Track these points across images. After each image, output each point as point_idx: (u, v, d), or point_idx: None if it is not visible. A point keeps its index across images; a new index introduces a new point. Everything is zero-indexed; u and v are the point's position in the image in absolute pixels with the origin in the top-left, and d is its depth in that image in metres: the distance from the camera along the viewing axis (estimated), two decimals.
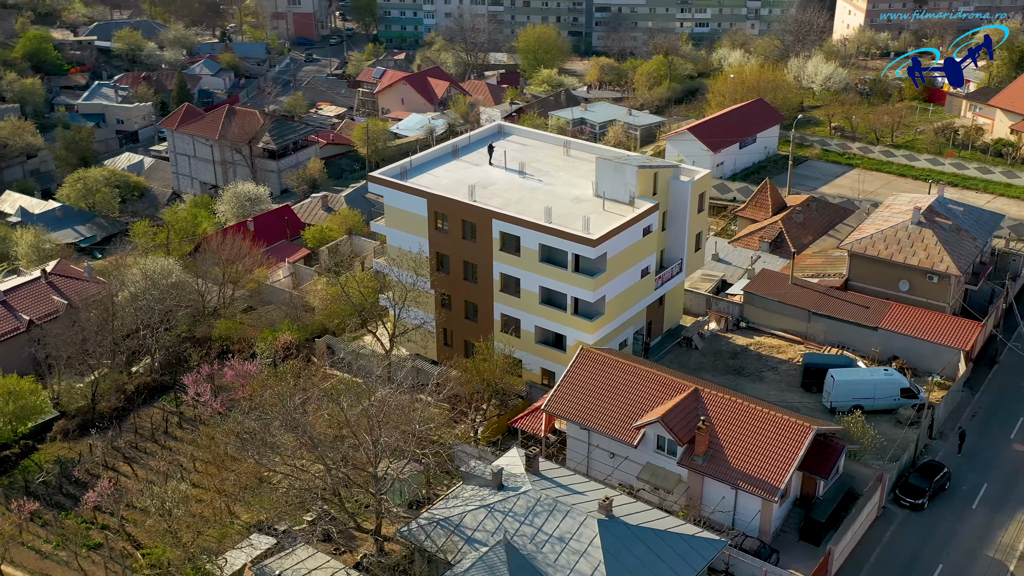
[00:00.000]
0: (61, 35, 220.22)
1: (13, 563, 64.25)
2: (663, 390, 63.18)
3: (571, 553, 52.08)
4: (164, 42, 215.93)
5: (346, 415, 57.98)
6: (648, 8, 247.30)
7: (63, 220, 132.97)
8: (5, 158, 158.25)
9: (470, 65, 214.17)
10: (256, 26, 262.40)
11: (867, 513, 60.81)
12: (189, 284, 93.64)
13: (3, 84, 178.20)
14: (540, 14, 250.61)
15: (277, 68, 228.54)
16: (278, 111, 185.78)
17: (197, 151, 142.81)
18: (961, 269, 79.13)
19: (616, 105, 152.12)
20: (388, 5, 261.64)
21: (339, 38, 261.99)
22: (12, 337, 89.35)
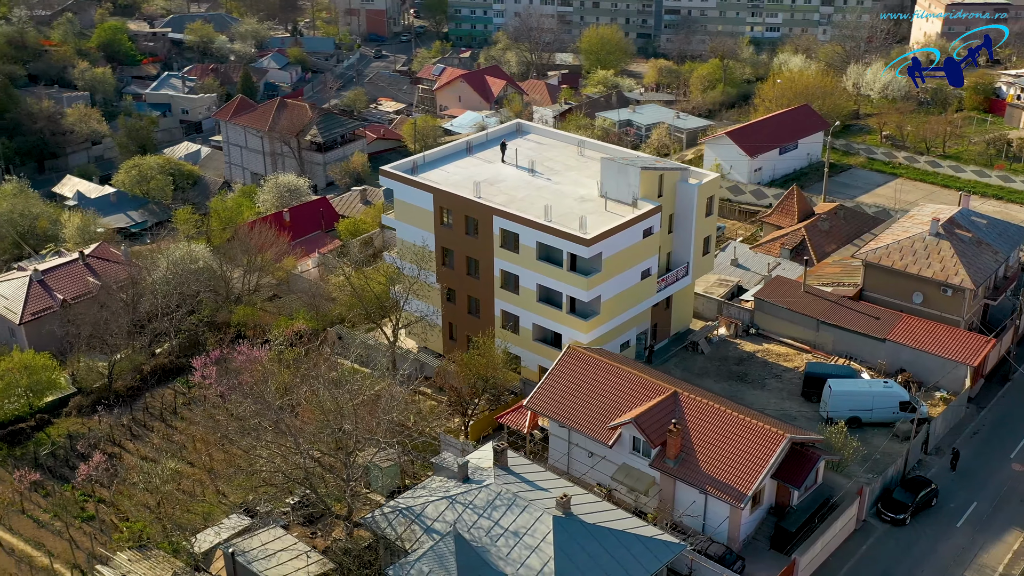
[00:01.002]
0: (137, 27, 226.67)
1: (11, 530, 66.91)
2: (643, 392, 63.03)
3: (523, 548, 52.41)
4: (235, 35, 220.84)
5: (323, 402, 59.14)
6: (718, 11, 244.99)
7: (116, 205, 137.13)
8: (71, 144, 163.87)
9: (532, 64, 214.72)
10: (330, 22, 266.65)
11: (842, 525, 59.88)
12: (214, 270, 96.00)
13: (75, 73, 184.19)
14: (609, 15, 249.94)
15: (345, 63, 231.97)
16: (338, 105, 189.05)
17: (248, 142, 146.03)
18: (976, 283, 77.24)
19: (666, 108, 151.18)
20: (459, 3, 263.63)
21: (409, 35, 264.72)
22: (46, 315, 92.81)
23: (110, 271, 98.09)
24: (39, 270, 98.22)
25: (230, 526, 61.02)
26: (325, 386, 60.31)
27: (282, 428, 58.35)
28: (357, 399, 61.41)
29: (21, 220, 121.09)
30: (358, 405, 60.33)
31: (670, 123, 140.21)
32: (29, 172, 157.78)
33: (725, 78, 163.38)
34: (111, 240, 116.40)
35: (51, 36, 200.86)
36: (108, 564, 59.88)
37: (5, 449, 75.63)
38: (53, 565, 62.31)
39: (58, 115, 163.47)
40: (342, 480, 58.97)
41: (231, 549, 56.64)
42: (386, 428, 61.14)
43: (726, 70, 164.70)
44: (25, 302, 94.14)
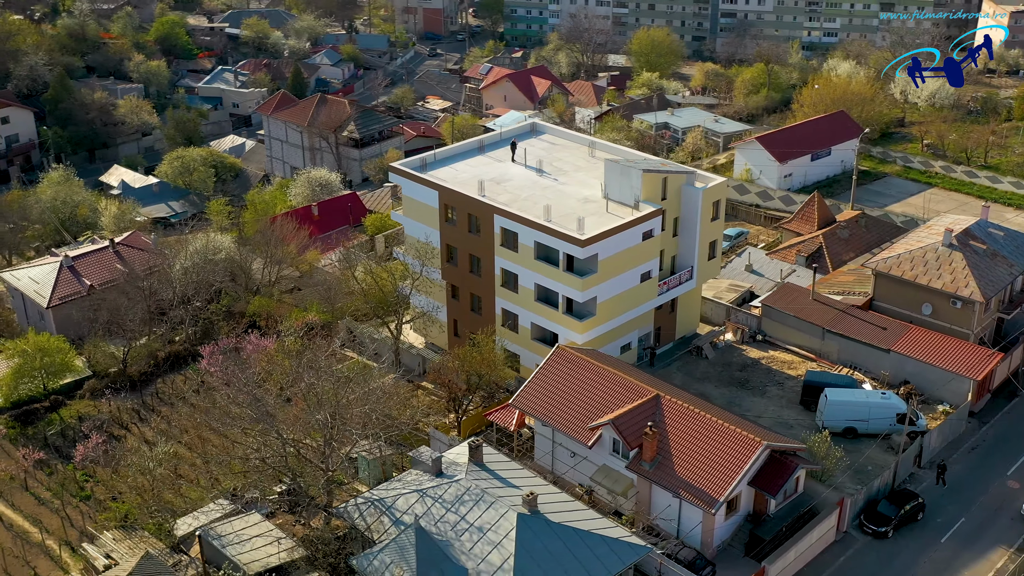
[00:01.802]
0: (197, 21, 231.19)
1: (13, 506, 69.11)
2: (626, 394, 63.02)
3: (486, 543, 52.83)
4: (290, 32, 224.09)
5: (305, 392, 60.19)
6: (775, 15, 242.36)
7: (158, 195, 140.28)
8: (122, 135, 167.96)
9: (582, 66, 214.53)
10: (387, 19, 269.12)
11: (819, 535, 59.25)
12: (236, 261, 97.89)
13: (131, 65, 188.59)
14: (664, 17, 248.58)
15: (399, 61, 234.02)
16: (385, 103, 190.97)
17: (289, 136, 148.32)
18: (986, 296, 75.70)
19: (706, 111, 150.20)
20: (514, 3, 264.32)
21: (466, 34, 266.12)
22: (73, 300, 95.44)
23: (138, 259, 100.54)
24: (69, 256, 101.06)
25: (214, 510, 62.26)
26: (309, 377, 61.28)
27: (263, 416, 59.39)
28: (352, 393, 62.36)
29: (63, 207, 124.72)
30: (345, 396, 61.20)
31: (707, 127, 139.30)
32: (80, 161, 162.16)
33: (769, 83, 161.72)
34: (147, 229, 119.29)
35: (111, 29, 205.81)
36: (94, 542, 61.55)
37: (18, 427, 78.02)
38: (45, 541, 64.22)
39: (110, 106, 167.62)
40: (320, 468, 59.95)
41: (207, 532, 57.86)
42: (376, 421, 62.13)
43: (771, 74, 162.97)
44: (54, 287, 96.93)
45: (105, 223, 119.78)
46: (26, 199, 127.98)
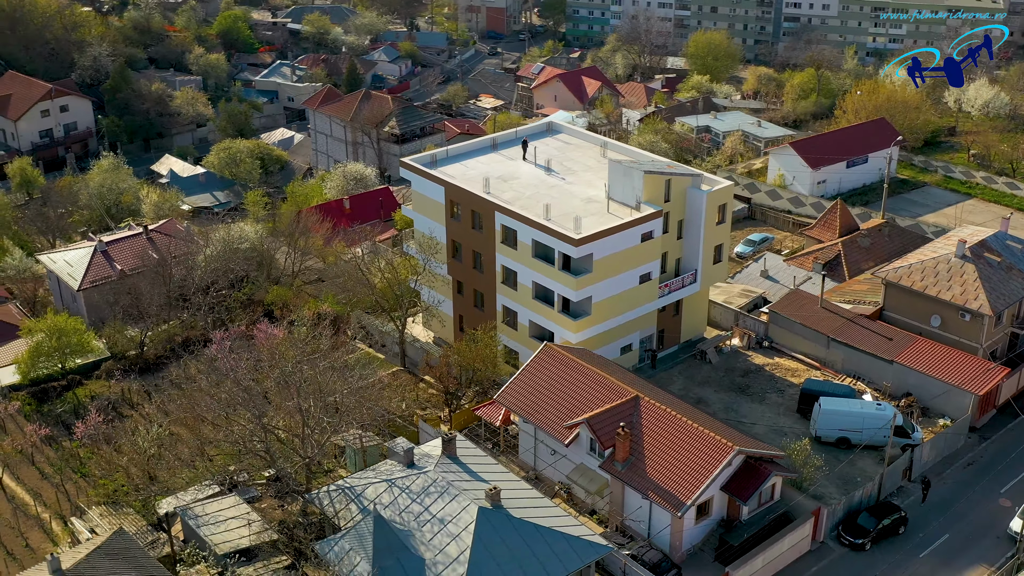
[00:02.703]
0: (261, 16, 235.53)
1: (18, 479, 71.56)
2: (608, 394, 63.02)
3: (445, 535, 53.36)
4: (350, 28, 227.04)
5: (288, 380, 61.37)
6: (840, 20, 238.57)
7: (204, 185, 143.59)
8: (177, 125, 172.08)
9: (639, 67, 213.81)
10: (450, 18, 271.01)
11: (790, 544, 58.63)
12: (259, 250, 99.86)
13: (191, 58, 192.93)
14: (727, 20, 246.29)
15: (457, 59, 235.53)
16: (437, 100, 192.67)
17: (333, 131, 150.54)
18: (996, 309, 74.04)
19: (750, 115, 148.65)
20: (577, 4, 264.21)
21: (527, 34, 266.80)
22: (104, 283, 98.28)
23: (172, 246, 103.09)
24: (104, 241, 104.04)
25: (200, 492, 63.66)
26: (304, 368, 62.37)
27: (244, 403, 60.69)
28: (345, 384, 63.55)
29: (108, 194, 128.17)
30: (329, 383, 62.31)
31: (748, 131, 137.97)
32: (136, 150, 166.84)
33: (819, 88, 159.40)
34: (186, 217, 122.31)
35: (176, 22, 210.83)
36: (82, 516, 63.50)
37: (34, 404, 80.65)
38: (40, 515, 66.42)
39: (166, 97, 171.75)
40: (298, 455, 61.12)
41: (185, 512, 59.39)
42: (368, 411, 63.23)
43: (820, 80, 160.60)
44: (87, 270, 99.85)
45: (146, 210, 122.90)
46: (75, 185, 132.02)
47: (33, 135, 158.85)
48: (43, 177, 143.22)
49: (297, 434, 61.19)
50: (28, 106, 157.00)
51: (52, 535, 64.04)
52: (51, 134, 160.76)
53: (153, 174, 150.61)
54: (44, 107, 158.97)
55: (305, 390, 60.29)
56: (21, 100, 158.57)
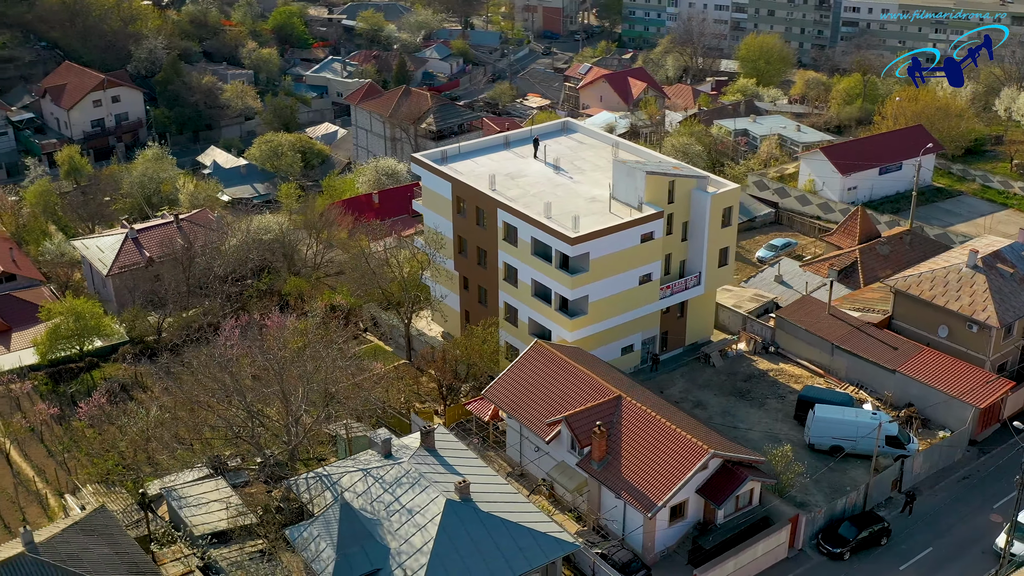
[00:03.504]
0: (317, 12, 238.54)
1: (26, 456, 73.82)
2: (592, 393, 63.11)
3: (412, 525, 53.93)
4: (404, 25, 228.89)
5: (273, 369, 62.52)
6: (899, 26, 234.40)
7: (245, 177, 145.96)
8: (225, 118, 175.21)
9: (690, 69, 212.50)
10: (507, 17, 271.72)
11: (764, 550, 58.16)
12: (281, 242, 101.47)
13: (244, 52, 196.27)
14: (784, 24, 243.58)
15: (510, 58, 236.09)
16: (484, 98, 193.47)
17: (373, 126, 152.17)
18: (1003, 321, 72.52)
19: (791, 119, 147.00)
20: (633, 5, 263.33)
21: (584, 34, 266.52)
22: (132, 270, 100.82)
23: (201, 235, 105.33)
24: (135, 228, 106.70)
25: (191, 475, 65.12)
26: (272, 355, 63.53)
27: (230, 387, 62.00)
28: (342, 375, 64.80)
29: (149, 183, 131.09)
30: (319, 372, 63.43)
31: (787, 135, 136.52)
32: (185, 141, 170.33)
33: (865, 93, 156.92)
34: (226, 208, 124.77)
35: (232, 16, 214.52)
36: (76, 494, 65.34)
37: (50, 384, 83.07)
38: (41, 491, 68.48)
39: (216, 90, 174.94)
40: (282, 442, 62.25)
41: (170, 493, 60.85)
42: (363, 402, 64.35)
43: (866, 85, 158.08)
44: (116, 256, 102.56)
45: (182, 199, 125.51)
46: (120, 173, 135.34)
47: (85, 124, 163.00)
48: (91, 165, 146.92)
49: (281, 421, 62.28)
50: (81, 96, 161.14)
51: (48, 511, 65.96)
52: (103, 123, 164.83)
53: (198, 165, 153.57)
54: (96, 97, 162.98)
55: (290, 377, 61.31)
56: (75, 90, 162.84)
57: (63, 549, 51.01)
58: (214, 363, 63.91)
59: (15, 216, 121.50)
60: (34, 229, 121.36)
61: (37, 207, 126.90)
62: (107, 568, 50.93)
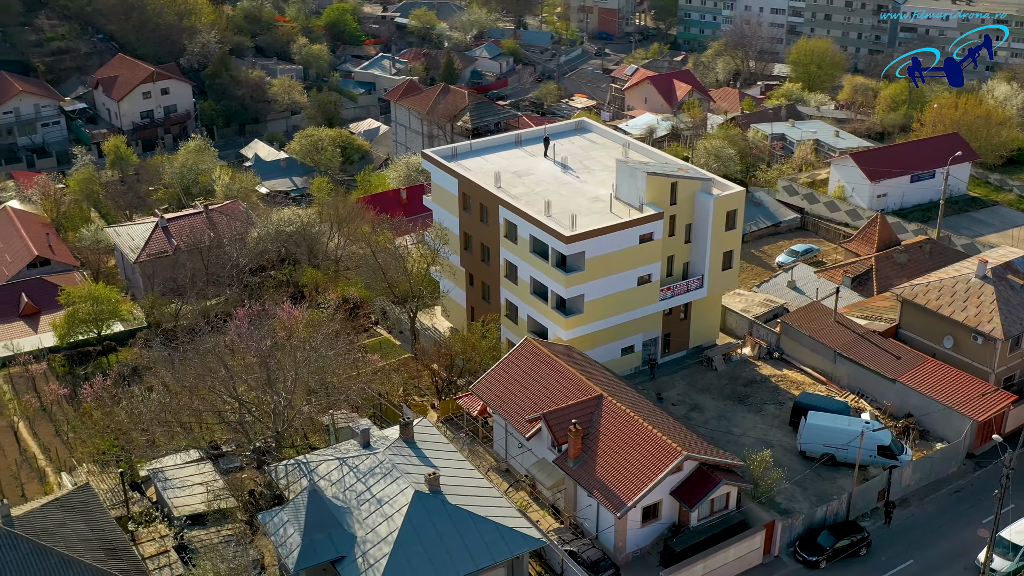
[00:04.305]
0: (371, 9, 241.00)
1: (34, 433, 76.09)
2: (575, 392, 63.23)
3: (380, 515, 54.63)
4: (456, 24, 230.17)
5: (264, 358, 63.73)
6: (958, 32, 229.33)
7: (284, 170, 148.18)
8: (271, 112, 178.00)
9: (741, 73, 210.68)
10: (562, 17, 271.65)
11: (737, 555, 57.77)
12: (303, 234, 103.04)
13: (294, 48, 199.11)
14: (840, 28, 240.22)
15: (562, 58, 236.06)
16: (530, 98, 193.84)
17: (411, 123, 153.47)
18: (1008, 333, 71.05)
19: (832, 125, 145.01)
20: (689, 7, 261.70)
21: (639, 35, 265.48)
22: (160, 258, 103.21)
23: (228, 225, 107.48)
24: (165, 217, 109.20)
25: (184, 458, 66.56)
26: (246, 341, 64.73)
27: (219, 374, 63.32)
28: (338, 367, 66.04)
29: (188, 174, 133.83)
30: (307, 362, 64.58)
31: (824, 140, 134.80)
32: (231, 134, 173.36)
33: (910, 100, 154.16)
34: (263, 200, 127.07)
35: (286, 12, 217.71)
36: (72, 472, 67.19)
37: (67, 366, 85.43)
38: (43, 468, 70.54)
39: (264, 85, 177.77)
40: (269, 428, 63.42)
41: (156, 475, 62.35)
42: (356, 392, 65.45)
43: (912, 91, 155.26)
44: (145, 244, 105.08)
45: (217, 191, 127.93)
46: (162, 164, 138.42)
47: (135, 115, 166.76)
48: (136, 155, 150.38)
49: (267, 408, 63.42)
50: (131, 87, 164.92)
51: (46, 487, 67.90)
52: (152, 115, 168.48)
53: (241, 157, 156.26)
54: (146, 89, 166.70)
55: (279, 366, 62.45)
56: (125, 82, 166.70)
57: (39, 524, 52.61)
58: (207, 350, 65.14)
59: (56, 203, 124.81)
60: (73, 216, 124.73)
61: (80, 194, 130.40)
62: (80, 544, 52.39)
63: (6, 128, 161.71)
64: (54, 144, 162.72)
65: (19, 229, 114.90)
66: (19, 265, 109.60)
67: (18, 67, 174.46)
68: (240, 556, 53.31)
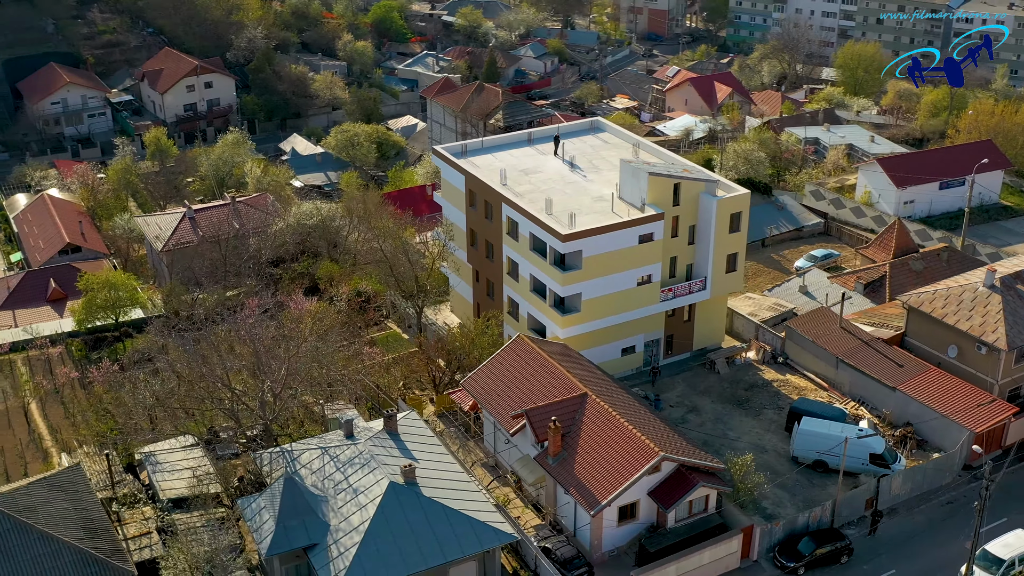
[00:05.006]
0: (420, 7, 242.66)
1: (45, 414, 78.10)
2: (561, 389, 63.37)
3: (354, 504, 55.36)
4: (503, 23, 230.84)
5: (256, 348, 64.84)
6: (1014, 39, 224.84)
7: (320, 164, 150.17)
8: (313, 107, 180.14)
9: (786, 76, 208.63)
10: (612, 18, 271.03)
11: (712, 558, 57.45)
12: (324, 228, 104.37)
13: (339, 44, 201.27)
14: (892, 33, 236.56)
15: (608, 59, 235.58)
16: (571, 98, 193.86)
17: (446, 120, 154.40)
18: (1012, 344, 69.73)
19: (869, 130, 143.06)
20: (739, 9, 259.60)
21: (689, 37, 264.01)
22: (185, 247, 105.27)
23: (254, 217, 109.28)
24: (193, 208, 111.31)
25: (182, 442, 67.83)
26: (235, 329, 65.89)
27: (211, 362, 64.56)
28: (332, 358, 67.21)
29: (223, 167, 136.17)
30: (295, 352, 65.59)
31: (858, 146, 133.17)
32: (272, 128, 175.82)
33: (952, 106, 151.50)
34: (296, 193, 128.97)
35: (334, 9, 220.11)
36: (71, 453, 68.88)
37: (84, 350, 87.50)
38: (49, 448, 72.42)
39: (307, 80, 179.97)
40: (258, 416, 64.52)
41: (148, 458, 63.75)
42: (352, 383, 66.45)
43: (953, 97, 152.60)
44: (171, 234, 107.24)
45: (249, 183, 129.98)
46: (199, 156, 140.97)
47: (178, 108, 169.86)
48: (177, 147, 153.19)
49: (256, 397, 64.51)
50: (175, 80, 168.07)
51: (48, 467, 69.63)
52: (195, 108, 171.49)
53: (279, 151, 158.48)
54: (190, 82, 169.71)
55: (271, 356, 63.54)
56: (170, 75, 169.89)
57: (22, 501, 54.11)
58: (202, 338, 66.45)
59: (92, 192, 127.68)
60: (109, 205, 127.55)
61: (118, 184, 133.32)
62: (60, 522, 53.79)
63: (53, 118, 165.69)
64: (99, 135, 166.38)
65: (54, 216, 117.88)
66: (51, 251, 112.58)
67: (69, 59, 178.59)
68: (216, 540, 54.30)
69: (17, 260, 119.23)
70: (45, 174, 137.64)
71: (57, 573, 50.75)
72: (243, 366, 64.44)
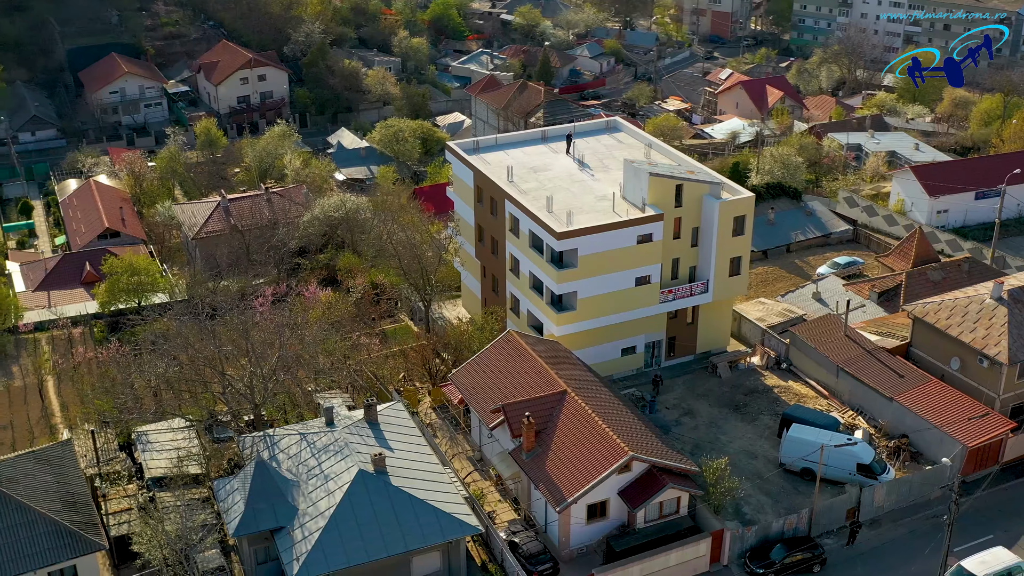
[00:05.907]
0: (479, 5, 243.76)
1: (59, 392, 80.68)
2: (543, 386, 63.71)
3: (323, 490, 56.44)
4: (561, 22, 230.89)
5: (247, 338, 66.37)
6: None
7: (363, 159, 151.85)
8: (364, 102, 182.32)
9: (844, 82, 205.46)
10: (675, 19, 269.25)
11: (679, 560, 57.29)
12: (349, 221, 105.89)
13: (395, 40, 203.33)
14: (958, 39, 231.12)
15: (667, 60, 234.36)
16: (623, 99, 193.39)
17: (488, 118, 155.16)
18: (1015, 358, 68.22)
19: (918, 138, 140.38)
20: (803, 13, 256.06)
21: (752, 40, 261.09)
22: (217, 235, 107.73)
23: (285, 208, 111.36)
24: (228, 198, 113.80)
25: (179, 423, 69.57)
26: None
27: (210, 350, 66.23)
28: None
29: (267, 158, 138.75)
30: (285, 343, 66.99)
31: (901, 153, 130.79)
32: (323, 122, 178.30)
33: (1004, 114, 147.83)
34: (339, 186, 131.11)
35: (392, 5, 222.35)
36: (73, 430, 71.12)
37: (105, 332, 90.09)
38: (58, 424, 74.93)
39: (357, 75, 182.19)
40: (247, 401, 65.98)
41: (139, 438, 65.64)
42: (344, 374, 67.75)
43: (1006, 106, 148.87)
44: (205, 222, 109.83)
45: (288, 175, 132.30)
46: (246, 147, 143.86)
47: (231, 100, 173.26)
48: (226, 138, 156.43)
49: (247, 383, 65.94)
50: (229, 73, 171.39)
51: (51, 440, 72.02)
52: (248, 100, 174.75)
53: (326, 145, 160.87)
54: (243, 75, 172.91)
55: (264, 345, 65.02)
56: (224, 67, 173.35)
57: (6, 472, 56.23)
58: (195, 323, 68.15)
59: (137, 179, 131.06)
60: (153, 192, 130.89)
61: (165, 172, 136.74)
62: (41, 494, 55.75)
63: (111, 107, 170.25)
64: (155, 124, 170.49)
65: (96, 201, 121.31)
66: (91, 235, 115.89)
67: (130, 50, 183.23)
68: (188, 518, 55.74)
69: (61, 243, 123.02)
70: (96, 161, 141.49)
71: (31, 542, 52.60)
72: (234, 351, 65.79)
